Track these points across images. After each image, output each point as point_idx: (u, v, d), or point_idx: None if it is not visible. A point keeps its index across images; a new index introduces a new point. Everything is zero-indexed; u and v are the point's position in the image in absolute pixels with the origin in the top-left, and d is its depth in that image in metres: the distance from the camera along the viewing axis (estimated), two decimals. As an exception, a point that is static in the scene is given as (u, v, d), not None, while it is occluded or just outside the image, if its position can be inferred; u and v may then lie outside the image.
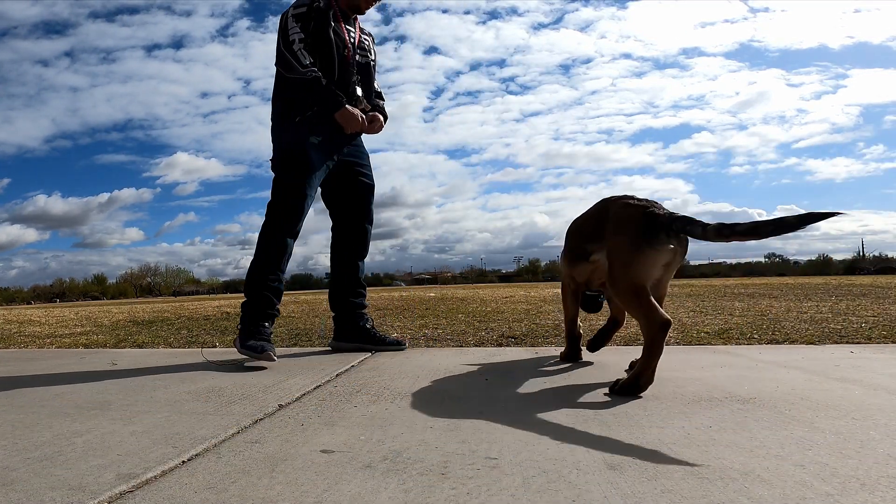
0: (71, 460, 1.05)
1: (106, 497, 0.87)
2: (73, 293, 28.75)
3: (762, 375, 1.73)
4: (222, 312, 5.25)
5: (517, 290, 9.57)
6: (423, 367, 2.01)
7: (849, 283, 7.56)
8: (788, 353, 2.20)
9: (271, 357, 2.10)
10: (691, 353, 2.27)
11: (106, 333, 4.04)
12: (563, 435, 1.14)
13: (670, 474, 0.91)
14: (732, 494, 0.82)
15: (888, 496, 0.80)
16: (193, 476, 0.96)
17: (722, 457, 0.99)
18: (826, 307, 4.18)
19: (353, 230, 2.56)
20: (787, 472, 0.90)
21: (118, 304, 12.68)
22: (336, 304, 2.57)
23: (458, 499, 0.83)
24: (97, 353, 2.82)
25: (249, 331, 2.21)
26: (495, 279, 36.98)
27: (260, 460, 1.03)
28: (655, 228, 1.49)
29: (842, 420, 1.20)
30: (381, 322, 4.06)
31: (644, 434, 1.13)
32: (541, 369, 1.90)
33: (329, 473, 0.95)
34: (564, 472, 0.93)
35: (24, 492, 0.89)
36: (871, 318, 3.37)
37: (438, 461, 1.00)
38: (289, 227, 2.29)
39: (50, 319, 5.85)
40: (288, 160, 2.32)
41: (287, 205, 2.29)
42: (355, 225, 2.56)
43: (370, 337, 2.51)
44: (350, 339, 2.53)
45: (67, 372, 2.18)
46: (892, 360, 1.99)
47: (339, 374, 1.92)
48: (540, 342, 2.82)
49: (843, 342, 2.57)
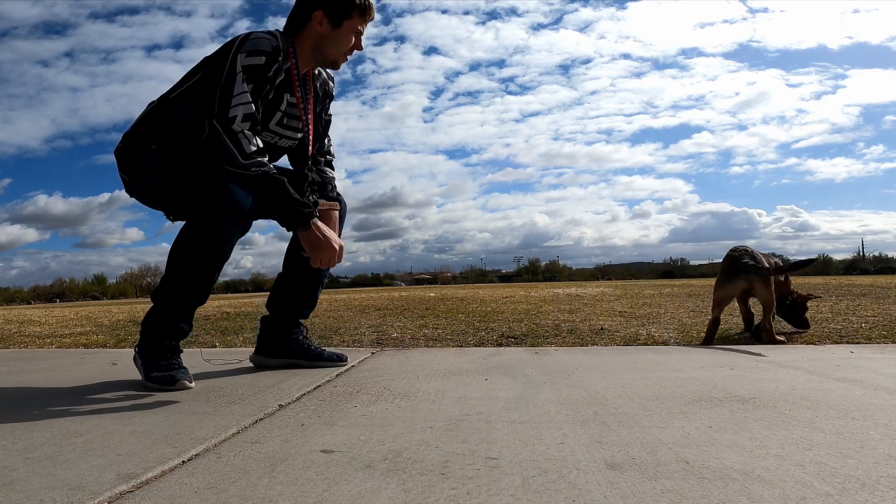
0: (71, 460, 1.05)
1: (106, 497, 0.87)
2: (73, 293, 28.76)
3: (762, 375, 1.73)
4: (222, 312, 5.25)
5: (517, 290, 9.57)
6: (423, 367, 2.01)
7: (849, 283, 7.56)
8: (788, 353, 2.20)
9: (186, 386, 1.71)
10: (691, 353, 2.27)
11: (106, 333, 4.04)
12: (563, 435, 1.14)
13: (670, 474, 0.91)
14: (732, 494, 0.82)
15: (888, 496, 0.80)
16: (193, 476, 0.96)
17: (722, 457, 0.99)
18: (826, 307, 4.18)
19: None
20: (787, 472, 0.90)
21: (118, 304, 12.67)
22: (276, 305, 2.12)
23: (458, 499, 0.83)
24: (97, 353, 2.82)
25: (155, 356, 1.76)
26: (495, 279, 36.98)
27: (260, 460, 1.03)
28: (736, 270, 2.63)
29: (842, 420, 1.20)
30: (382, 322, 4.06)
31: (644, 434, 1.13)
32: (541, 369, 1.90)
33: (329, 473, 0.95)
34: (564, 472, 0.93)
35: (24, 492, 0.89)
36: (871, 318, 3.37)
37: (438, 461, 1.00)
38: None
39: (50, 319, 5.85)
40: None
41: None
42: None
43: (304, 351, 2.10)
44: (277, 355, 2.11)
45: (67, 372, 2.18)
46: (892, 360, 1.99)
47: (339, 375, 1.92)
48: (540, 342, 2.83)
49: (843, 342, 2.57)
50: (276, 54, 1.74)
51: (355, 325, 3.87)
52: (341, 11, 1.85)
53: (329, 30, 1.85)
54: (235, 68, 1.67)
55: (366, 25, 1.93)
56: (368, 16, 1.91)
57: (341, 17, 1.85)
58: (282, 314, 2.10)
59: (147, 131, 1.81)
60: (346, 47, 1.89)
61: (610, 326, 3.39)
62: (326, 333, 3.42)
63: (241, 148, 1.63)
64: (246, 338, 3.30)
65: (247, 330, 3.74)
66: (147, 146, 1.79)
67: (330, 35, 1.85)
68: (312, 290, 2.11)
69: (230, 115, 1.64)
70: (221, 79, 1.67)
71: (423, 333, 3.29)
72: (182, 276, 1.73)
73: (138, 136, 1.82)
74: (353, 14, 1.86)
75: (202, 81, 1.74)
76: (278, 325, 2.11)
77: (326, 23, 1.84)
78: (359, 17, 1.87)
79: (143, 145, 1.80)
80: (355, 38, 1.90)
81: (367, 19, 1.92)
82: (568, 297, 6.54)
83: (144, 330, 1.79)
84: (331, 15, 1.84)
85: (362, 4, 1.87)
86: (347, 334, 3.37)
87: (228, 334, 3.57)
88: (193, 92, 1.77)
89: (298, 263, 1.99)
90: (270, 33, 1.78)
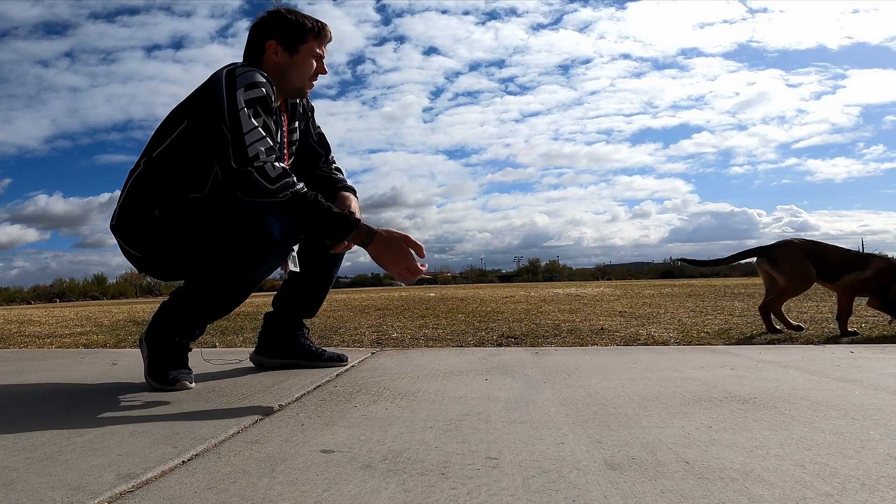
0: (71, 460, 1.05)
1: (106, 497, 0.87)
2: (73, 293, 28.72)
3: (762, 375, 1.73)
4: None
5: (517, 290, 9.57)
6: (423, 367, 2.01)
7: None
8: (788, 353, 2.20)
9: (186, 386, 1.71)
10: (691, 353, 2.27)
11: (106, 333, 4.04)
12: (563, 435, 1.14)
13: (670, 474, 0.91)
14: (732, 494, 0.82)
15: (888, 496, 0.80)
16: (193, 476, 0.96)
17: (722, 457, 0.98)
18: (826, 307, 4.18)
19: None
20: (787, 472, 0.90)
21: (118, 304, 12.67)
22: (284, 303, 2.09)
23: (458, 499, 0.83)
24: (97, 353, 2.82)
25: (162, 352, 1.76)
26: (495, 279, 36.97)
27: (260, 460, 1.03)
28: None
29: (842, 420, 1.20)
30: (382, 322, 4.06)
31: (644, 434, 1.13)
32: (541, 369, 1.90)
33: (329, 473, 0.95)
34: (564, 472, 0.93)
35: (24, 492, 0.89)
36: (871, 318, 3.37)
37: (438, 461, 1.00)
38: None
39: (50, 319, 5.85)
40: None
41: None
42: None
43: (305, 352, 2.09)
44: (278, 355, 2.09)
45: (67, 372, 2.18)
46: (892, 360, 1.99)
47: (339, 375, 1.92)
48: (540, 342, 2.83)
49: (843, 342, 2.57)
50: (270, 83, 1.70)
51: (355, 325, 3.87)
52: (295, 37, 1.81)
53: (287, 58, 1.81)
54: (237, 105, 1.60)
55: (325, 48, 1.89)
56: (324, 37, 1.87)
57: (296, 42, 1.81)
58: (288, 313, 2.08)
59: (142, 199, 1.73)
60: (309, 73, 1.83)
61: (610, 326, 3.39)
62: (326, 333, 3.42)
63: (266, 176, 1.57)
64: (246, 338, 3.30)
65: (247, 330, 3.74)
66: (149, 214, 1.72)
67: (289, 63, 1.81)
68: (323, 290, 2.09)
69: (250, 156, 1.57)
70: (226, 121, 1.59)
71: (423, 333, 3.29)
72: (210, 304, 1.73)
73: (132, 207, 1.74)
74: (308, 37, 1.82)
75: (194, 130, 1.68)
76: (283, 323, 2.09)
77: (282, 51, 1.80)
78: (314, 40, 1.83)
79: (143, 216, 1.73)
80: (317, 63, 1.85)
81: (324, 41, 1.87)
82: (568, 297, 6.54)
83: (157, 323, 1.78)
84: (285, 42, 1.80)
85: (314, 27, 1.83)
86: (347, 334, 3.37)
87: (228, 334, 3.57)
88: (182, 143, 1.71)
89: (310, 263, 1.98)
90: (245, 64, 1.73)
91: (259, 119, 1.62)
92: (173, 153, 1.73)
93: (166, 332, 1.75)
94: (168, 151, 1.73)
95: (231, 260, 1.64)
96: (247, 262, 1.65)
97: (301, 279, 2.03)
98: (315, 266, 2.00)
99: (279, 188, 1.58)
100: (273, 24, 1.81)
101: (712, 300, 5.45)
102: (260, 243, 1.61)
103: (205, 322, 1.80)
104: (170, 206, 1.71)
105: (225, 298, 1.73)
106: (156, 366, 1.73)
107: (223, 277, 1.67)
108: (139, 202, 1.74)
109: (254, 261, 1.64)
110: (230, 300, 1.74)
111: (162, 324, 1.77)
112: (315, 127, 2.07)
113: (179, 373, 1.73)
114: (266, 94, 1.65)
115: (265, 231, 1.60)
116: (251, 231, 1.60)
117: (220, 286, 1.69)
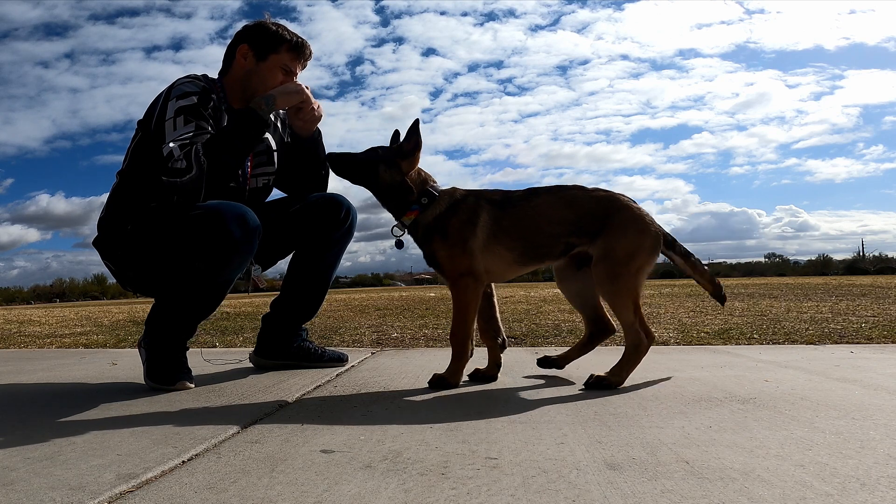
0: (71, 460, 1.05)
1: (106, 497, 0.87)
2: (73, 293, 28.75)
3: (762, 375, 1.73)
4: (222, 312, 5.25)
5: (517, 290, 9.57)
6: (424, 367, 2.01)
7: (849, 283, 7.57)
8: (788, 353, 2.20)
9: (186, 386, 1.73)
10: (691, 353, 2.27)
11: (106, 333, 4.04)
12: (563, 435, 1.14)
13: (670, 474, 0.91)
14: (732, 494, 0.82)
15: (888, 496, 0.80)
16: (193, 476, 0.96)
17: (722, 457, 0.98)
18: (826, 307, 4.18)
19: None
20: (787, 472, 0.90)
21: (118, 304, 12.68)
22: (282, 307, 2.08)
23: (458, 499, 0.83)
24: (97, 353, 2.82)
25: (159, 353, 1.76)
26: (495, 279, 36.84)
27: (260, 460, 1.03)
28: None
29: (842, 420, 1.20)
30: (382, 322, 4.06)
31: (644, 434, 1.13)
32: (541, 369, 1.89)
33: (329, 473, 0.95)
34: (564, 472, 0.93)
35: (24, 492, 0.89)
36: (871, 318, 3.37)
37: (438, 461, 1.00)
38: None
39: (50, 319, 5.85)
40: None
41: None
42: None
43: (305, 353, 2.08)
44: (278, 356, 2.08)
45: (67, 372, 2.18)
46: (892, 360, 1.99)
47: (340, 374, 1.92)
48: (540, 342, 2.82)
49: (843, 342, 2.57)
50: (205, 93, 1.71)
51: (355, 325, 3.87)
52: (267, 45, 1.82)
53: (253, 63, 1.82)
54: (165, 115, 1.66)
55: (300, 65, 1.88)
56: (302, 55, 1.86)
57: (267, 50, 1.82)
58: (287, 317, 2.08)
59: (116, 214, 1.79)
60: (272, 83, 1.81)
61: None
62: (326, 333, 3.42)
63: (176, 172, 1.59)
64: (246, 338, 3.30)
65: (247, 330, 3.74)
66: (122, 228, 1.76)
67: (254, 69, 1.82)
68: (319, 295, 2.09)
69: (164, 156, 1.61)
70: (152, 128, 1.68)
71: (423, 333, 3.29)
72: (188, 309, 1.78)
73: (108, 221, 1.80)
74: (282, 49, 1.82)
75: (141, 141, 1.75)
76: (281, 326, 2.08)
77: (251, 56, 1.82)
78: (288, 53, 1.84)
79: (117, 230, 1.77)
80: (284, 77, 1.83)
81: (300, 57, 1.86)
82: (568, 297, 6.51)
83: (150, 328, 1.79)
84: (255, 48, 1.82)
85: (293, 40, 1.83)
86: (347, 334, 3.37)
87: (228, 334, 3.57)
88: (140, 155, 1.76)
89: (306, 268, 2.02)
90: (195, 76, 1.77)
91: (190, 125, 1.65)
92: (135, 166, 1.77)
93: (159, 335, 1.78)
94: (131, 164, 1.78)
95: (201, 266, 1.67)
96: (213, 265, 1.67)
97: (298, 285, 2.05)
98: (311, 271, 2.02)
99: (189, 174, 1.59)
100: (251, 30, 1.85)
101: (712, 300, 5.45)
102: (222, 245, 1.63)
103: (191, 326, 1.83)
104: (139, 220, 1.74)
105: (201, 303, 1.78)
106: (155, 367, 1.74)
107: (195, 284, 1.71)
108: (114, 217, 1.79)
109: (219, 263, 1.67)
110: (207, 304, 1.80)
111: (154, 328, 1.79)
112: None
113: (179, 373, 1.74)
114: (196, 104, 1.67)
115: (224, 232, 1.62)
116: (211, 235, 1.62)
117: (194, 292, 1.73)
